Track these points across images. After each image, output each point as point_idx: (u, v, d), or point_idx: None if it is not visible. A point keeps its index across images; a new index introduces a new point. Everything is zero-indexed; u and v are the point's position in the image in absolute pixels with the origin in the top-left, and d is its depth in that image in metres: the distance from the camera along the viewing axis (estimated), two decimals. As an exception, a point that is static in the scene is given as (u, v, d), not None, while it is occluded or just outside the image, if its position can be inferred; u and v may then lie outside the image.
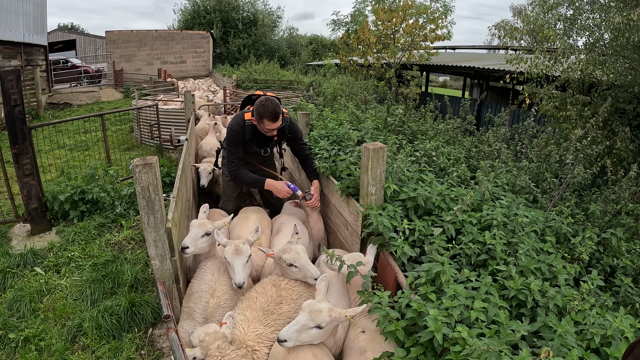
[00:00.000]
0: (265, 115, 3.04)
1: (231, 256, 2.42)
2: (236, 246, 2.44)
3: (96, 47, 28.89)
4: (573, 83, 4.36)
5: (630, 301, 2.23)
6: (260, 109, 3.05)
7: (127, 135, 9.93)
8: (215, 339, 1.93)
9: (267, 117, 3.05)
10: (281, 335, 1.87)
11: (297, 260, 2.38)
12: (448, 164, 3.59)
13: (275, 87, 16.42)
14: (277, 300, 2.28)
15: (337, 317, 1.92)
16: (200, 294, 2.40)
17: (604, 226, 2.80)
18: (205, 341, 1.92)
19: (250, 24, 31.30)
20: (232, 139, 3.29)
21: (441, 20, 8.16)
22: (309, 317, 1.89)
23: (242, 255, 2.42)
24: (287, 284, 2.40)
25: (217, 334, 1.95)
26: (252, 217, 3.26)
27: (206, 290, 2.41)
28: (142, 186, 2.20)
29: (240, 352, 1.93)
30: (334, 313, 1.92)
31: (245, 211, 3.42)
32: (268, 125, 3.09)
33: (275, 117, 3.05)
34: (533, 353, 1.60)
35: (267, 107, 3.03)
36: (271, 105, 3.04)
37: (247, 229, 3.07)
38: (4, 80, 3.80)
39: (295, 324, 1.89)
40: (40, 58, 16.52)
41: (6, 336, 2.75)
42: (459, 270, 2.21)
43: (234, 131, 3.28)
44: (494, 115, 4.81)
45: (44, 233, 4.32)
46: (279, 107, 3.08)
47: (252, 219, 3.23)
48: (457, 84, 35.70)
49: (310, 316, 1.89)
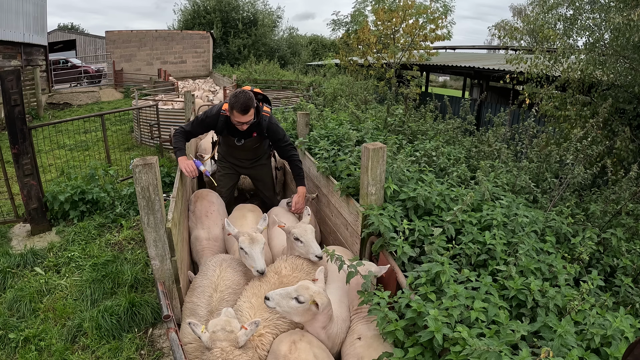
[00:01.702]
0: (235, 106, 3.03)
1: (248, 245, 2.47)
2: (250, 235, 2.51)
3: (96, 47, 28.88)
4: (573, 83, 4.36)
5: (630, 301, 2.23)
6: (232, 100, 3.05)
7: (127, 135, 9.93)
8: (226, 338, 1.88)
9: (237, 109, 3.03)
10: (268, 294, 2.07)
11: (303, 235, 2.60)
12: (448, 164, 3.59)
13: (275, 87, 16.42)
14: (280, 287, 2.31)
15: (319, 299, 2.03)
16: (204, 288, 2.41)
17: (604, 226, 2.80)
18: (217, 335, 1.89)
19: (250, 24, 31.28)
20: (199, 120, 3.32)
21: (441, 20, 8.16)
22: (294, 289, 2.05)
23: (258, 243, 2.50)
24: (288, 271, 2.49)
25: (230, 334, 1.90)
26: (249, 215, 3.29)
27: (209, 285, 2.41)
28: (142, 186, 2.20)
29: (244, 357, 1.89)
30: (319, 297, 2.01)
31: (242, 209, 3.42)
32: (237, 117, 3.08)
33: (245, 109, 3.03)
34: (533, 353, 1.60)
35: (239, 98, 3.02)
36: (243, 97, 3.03)
37: (247, 227, 3.05)
38: (4, 80, 3.79)
39: (283, 290, 2.08)
40: (40, 58, 16.53)
41: (6, 336, 2.74)
42: (459, 270, 2.21)
43: (206, 115, 3.32)
44: (494, 115, 4.81)
45: (44, 233, 4.31)
46: (252, 101, 3.07)
47: (249, 217, 3.26)
48: (457, 84, 35.69)
49: (295, 288, 2.05)
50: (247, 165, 3.69)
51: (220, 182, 3.73)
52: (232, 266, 2.61)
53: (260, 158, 3.72)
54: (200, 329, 1.89)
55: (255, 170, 3.75)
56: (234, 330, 1.91)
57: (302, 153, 3.90)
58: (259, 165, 3.73)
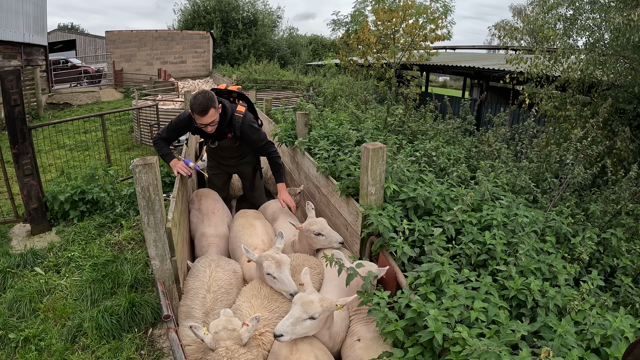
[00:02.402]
0: (193, 107, 2.88)
1: (276, 270, 2.32)
2: (275, 259, 2.35)
3: (96, 47, 28.88)
4: (573, 83, 4.36)
5: (630, 301, 2.23)
6: (191, 101, 2.90)
7: (127, 135, 9.94)
8: (229, 337, 1.87)
9: (195, 111, 2.88)
10: (277, 330, 1.89)
11: (323, 229, 2.75)
12: (448, 164, 3.59)
13: (275, 87, 16.44)
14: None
15: (329, 306, 1.97)
16: (197, 290, 2.40)
17: (604, 226, 2.80)
18: (219, 335, 1.87)
19: (250, 24, 31.29)
20: (174, 122, 3.20)
21: (441, 20, 8.17)
22: (301, 309, 1.92)
23: (285, 265, 2.36)
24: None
25: (233, 333, 1.89)
26: (257, 224, 3.17)
27: (201, 287, 2.41)
28: (142, 186, 2.20)
29: (249, 356, 1.89)
30: (325, 303, 1.96)
31: (246, 217, 3.29)
32: (197, 119, 2.93)
33: (203, 111, 2.86)
34: (533, 353, 1.60)
35: (197, 99, 2.87)
36: (201, 98, 2.87)
37: (257, 237, 3.01)
38: (4, 80, 3.79)
39: (290, 317, 1.92)
40: (40, 58, 16.54)
41: (6, 336, 2.75)
42: (459, 270, 2.21)
43: (179, 119, 3.20)
44: (494, 115, 4.81)
45: (44, 233, 4.31)
46: (211, 102, 2.89)
47: (258, 226, 3.15)
48: (457, 84, 35.68)
49: (303, 308, 1.92)
50: (232, 164, 3.65)
51: (212, 181, 3.71)
52: (221, 265, 2.59)
53: (244, 156, 3.64)
54: (202, 331, 1.88)
55: (240, 168, 3.71)
56: (236, 328, 1.91)
57: (301, 153, 3.90)
58: (244, 163, 3.68)
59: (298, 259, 2.71)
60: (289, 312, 1.98)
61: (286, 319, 1.93)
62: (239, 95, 3.50)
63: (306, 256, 2.79)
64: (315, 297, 1.98)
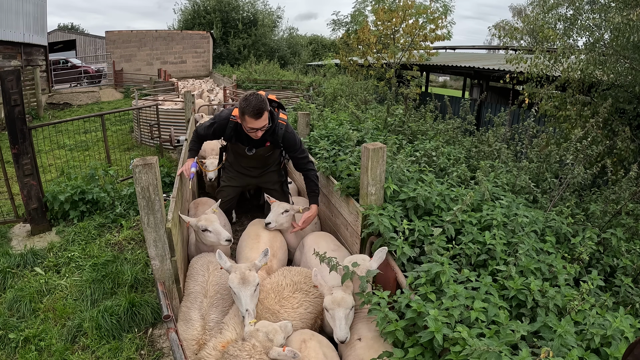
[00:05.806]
0: (246, 110, 2.70)
1: (237, 286, 2.17)
2: (242, 274, 2.20)
3: (96, 47, 28.88)
4: (573, 83, 4.36)
5: (630, 301, 2.23)
6: (243, 104, 2.72)
7: (127, 136, 9.93)
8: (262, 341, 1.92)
9: (249, 113, 2.70)
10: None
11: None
12: (448, 164, 3.60)
13: (275, 87, 16.43)
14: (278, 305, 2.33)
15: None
16: (195, 295, 2.42)
17: (604, 226, 2.80)
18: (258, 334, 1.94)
19: (250, 24, 31.29)
20: (205, 128, 3.07)
21: (441, 20, 8.16)
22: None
23: (249, 284, 2.18)
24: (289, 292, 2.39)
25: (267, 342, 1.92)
26: (264, 236, 2.96)
27: (200, 292, 2.43)
28: (142, 186, 2.20)
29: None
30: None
31: (257, 227, 3.09)
32: (250, 122, 2.75)
33: (258, 113, 2.69)
34: (533, 353, 1.60)
35: (250, 101, 2.69)
36: (255, 100, 2.69)
37: (257, 251, 2.76)
38: (4, 80, 3.79)
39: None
40: (40, 58, 16.53)
41: (6, 336, 2.74)
42: (458, 270, 2.21)
43: (214, 120, 3.07)
44: (494, 115, 4.82)
45: (44, 233, 4.31)
46: (265, 104, 2.73)
47: (263, 238, 2.93)
48: (457, 84, 35.68)
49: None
50: (256, 174, 3.41)
51: (223, 191, 3.47)
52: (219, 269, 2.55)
53: (269, 166, 3.42)
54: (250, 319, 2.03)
55: (264, 177, 3.46)
56: (274, 341, 1.95)
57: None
58: (267, 172, 3.44)
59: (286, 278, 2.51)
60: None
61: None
62: (278, 104, 3.27)
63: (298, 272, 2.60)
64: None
